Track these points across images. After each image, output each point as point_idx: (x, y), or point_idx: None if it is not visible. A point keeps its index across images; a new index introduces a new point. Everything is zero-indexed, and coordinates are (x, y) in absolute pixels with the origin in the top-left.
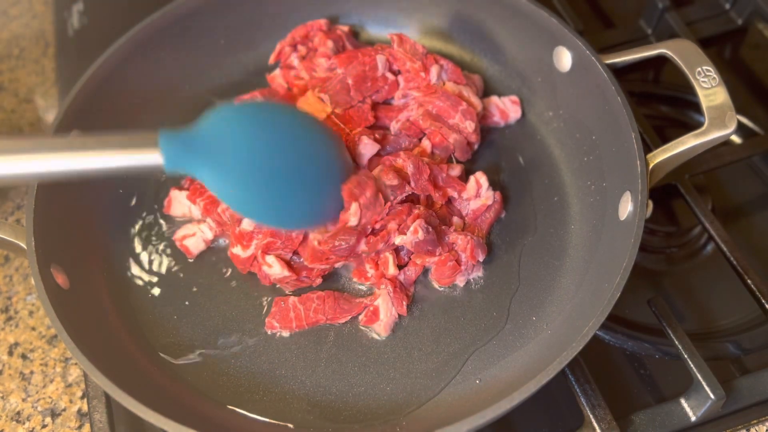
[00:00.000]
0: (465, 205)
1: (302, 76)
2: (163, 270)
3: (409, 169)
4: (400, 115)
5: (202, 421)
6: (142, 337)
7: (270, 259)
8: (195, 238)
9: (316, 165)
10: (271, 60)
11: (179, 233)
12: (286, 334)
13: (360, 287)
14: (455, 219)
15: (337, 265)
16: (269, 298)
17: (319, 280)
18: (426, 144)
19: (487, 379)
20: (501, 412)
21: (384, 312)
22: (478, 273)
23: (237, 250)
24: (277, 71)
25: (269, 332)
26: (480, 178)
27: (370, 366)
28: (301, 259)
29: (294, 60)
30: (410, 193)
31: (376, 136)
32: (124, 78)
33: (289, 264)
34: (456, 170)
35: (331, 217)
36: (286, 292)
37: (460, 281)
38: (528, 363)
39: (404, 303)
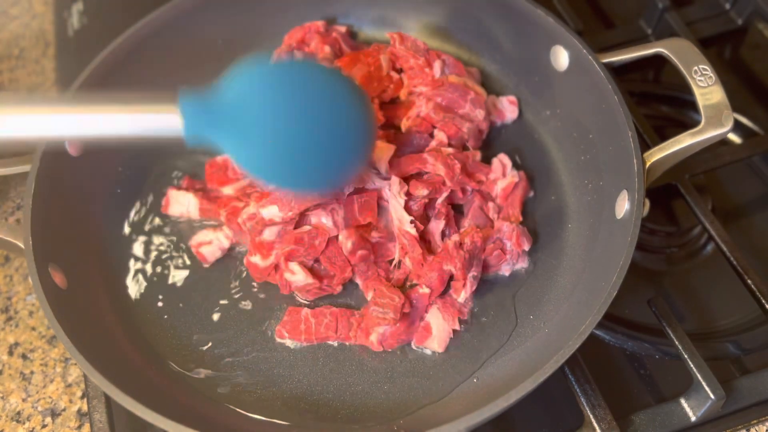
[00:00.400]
0: (493, 187)
1: None
2: (162, 270)
3: (441, 170)
4: (410, 111)
5: (200, 420)
6: (140, 338)
7: (293, 266)
8: (212, 246)
9: (343, 127)
10: None
11: (195, 239)
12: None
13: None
14: (490, 204)
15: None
16: (280, 307)
17: (339, 288)
18: (441, 136)
19: (484, 378)
20: (498, 410)
21: (436, 327)
22: (524, 264)
23: (256, 259)
24: None
25: (278, 340)
26: (503, 159)
27: (368, 365)
28: (323, 266)
29: None
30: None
31: (389, 136)
32: (121, 78)
33: (311, 271)
34: (478, 156)
35: (353, 178)
36: (302, 301)
37: (505, 270)
38: (525, 362)
39: (456, 317)
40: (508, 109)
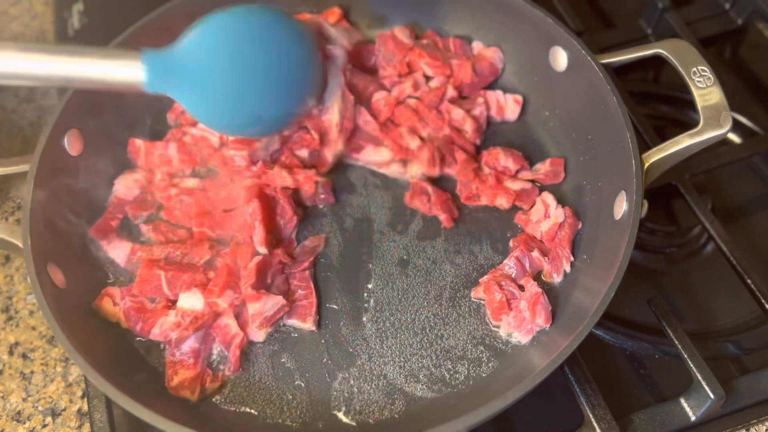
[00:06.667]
0: (536, 227)
1: None
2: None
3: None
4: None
5: (200, 420)
6: (139, 338)
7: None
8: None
9: (291, 72)
10: None
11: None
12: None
13: None
14: (534, 254)
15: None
16: None
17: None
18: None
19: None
20: (495, 411)
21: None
22: (523, 339)
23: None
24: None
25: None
26: (546, 198)
27: (365, 363)
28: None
29: None
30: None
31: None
32: None
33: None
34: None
35: (301, 117)
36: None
37: (504, 328)
38: (524, 362)
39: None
40: (511, 107)
